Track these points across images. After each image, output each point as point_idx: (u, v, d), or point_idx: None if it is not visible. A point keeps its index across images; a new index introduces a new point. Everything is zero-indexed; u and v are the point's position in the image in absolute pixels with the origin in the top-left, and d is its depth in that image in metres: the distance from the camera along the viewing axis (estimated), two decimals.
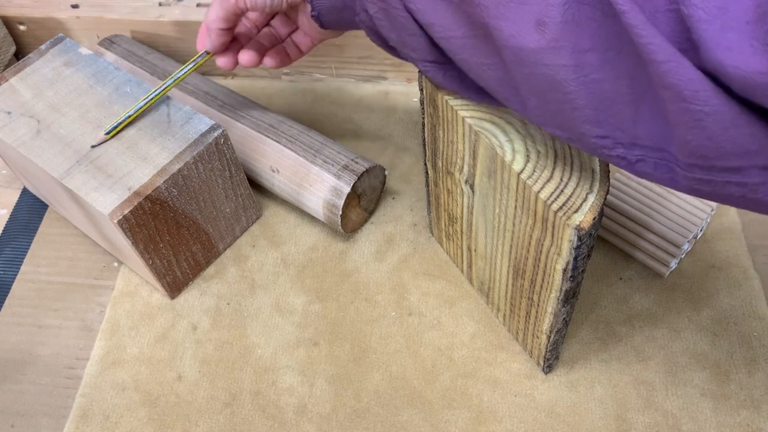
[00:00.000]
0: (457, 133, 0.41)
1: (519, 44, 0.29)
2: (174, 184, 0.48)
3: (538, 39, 0.28)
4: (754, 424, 0.46)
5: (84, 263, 0.57)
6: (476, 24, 0.31)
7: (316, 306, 0.53)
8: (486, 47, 0.32)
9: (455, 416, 0.47)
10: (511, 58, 0.30)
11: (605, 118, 0.29)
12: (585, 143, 0.30)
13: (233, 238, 0.57)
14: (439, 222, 0.53)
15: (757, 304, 0.51)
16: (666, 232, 0.52)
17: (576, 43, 0.28)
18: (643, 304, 0.51)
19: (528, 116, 0.33)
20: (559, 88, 0.29)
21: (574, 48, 0.28)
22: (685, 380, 0.48)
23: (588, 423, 0.46)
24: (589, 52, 0.28)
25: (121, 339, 0.52)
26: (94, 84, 0.52)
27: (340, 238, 0.57)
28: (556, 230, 0.35)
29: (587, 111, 0.29)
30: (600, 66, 0.28)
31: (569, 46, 0.28)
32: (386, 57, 0.66)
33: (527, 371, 0.49)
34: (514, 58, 0.30)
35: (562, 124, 0.31)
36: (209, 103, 0.58)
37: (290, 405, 0.48)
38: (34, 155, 0.48)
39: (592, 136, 0.30)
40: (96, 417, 0.49)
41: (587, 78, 0.28)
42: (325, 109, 0.67)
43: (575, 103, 0.29)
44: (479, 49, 0.32)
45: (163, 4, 0.67)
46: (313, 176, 0.53)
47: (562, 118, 0.30)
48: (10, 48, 0.69)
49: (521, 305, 0.45)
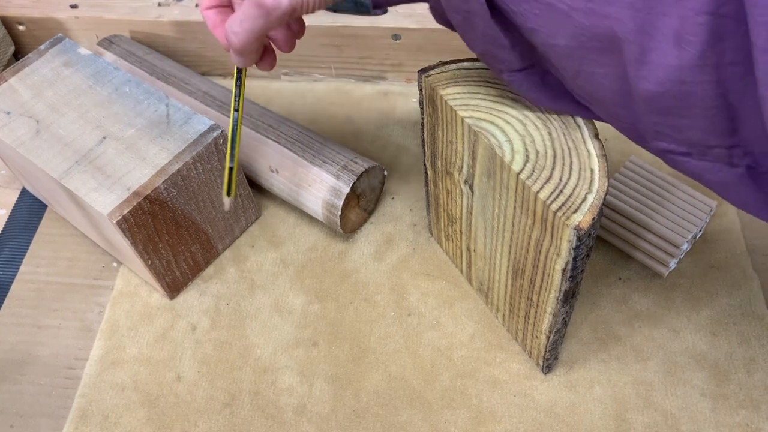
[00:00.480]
0: (456, 134, 0.41)
1: (657, 60, 0.27)
2: (173, 184, 0.47)
3: (678, 55, 0.27)
4: (754, 423, 0.46)
5: (83, 263, 0.57)
6: (599, 36, 0.29)
7: (315, 306, 0.53)
8: (604, 58, 0.30)
9: (454, 416, 0.47)
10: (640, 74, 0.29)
11: (742, 127, 0.28)
12: (710, 155, 0.30)
13: (232, 239, 0.57)
14: (439, 222, 0.53)
15: (756, 304, 0.51)
16: (665, 232, 0.52)
17: (719, 59, 0.26)
18: (643, 304, 0.51)
19: (636, 129, 0.31)
20: (699, 104, 0.28)
21: (717, 63, 0.26)
22: (685, 380, 0.48)
23: (587, 423, 0.46)
24: (731, 65, 0.26)
25: (120, 339, 0.52)
26: (94, 84, 0.52)
27: (340, 238, 0.57)
28: (555, 230, 0.35)
29: (724, 123, 0.28)
30: (742, 78, 0.27)
31: (713, 63, 0.26)
32: (386, 57, 0.66)
33: (526, 371, 0.49)
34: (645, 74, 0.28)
35: (687, 138, 0.30)
36: (208, 103, 0.58)
37: (289, 405, 0.48)
38: (33, 155, 0.48)
39: (724, 146, 0.29)
40: (95, 417, 0.49)
41: (728, 90, 0.27)
42: (325, 109, 0.67)
43: (714, 117, 0.28)
44: (593, 60, 0.30)
45: (162, 5, 0.67)
46: (313, 176, 0.53)
47: (690, 132, 0.29)
48: (9, 48, 0.69)
49: (520, 305, 0.45)
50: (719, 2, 0.25)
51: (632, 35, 0.28)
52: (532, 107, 0.39)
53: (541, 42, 0.32)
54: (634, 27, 0.28)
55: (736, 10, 0.25)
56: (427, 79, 0.41)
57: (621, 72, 0.30)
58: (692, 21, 0.26)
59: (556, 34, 0.31)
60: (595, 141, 0.37)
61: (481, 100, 0.40)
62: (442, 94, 0.40)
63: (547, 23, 0.31)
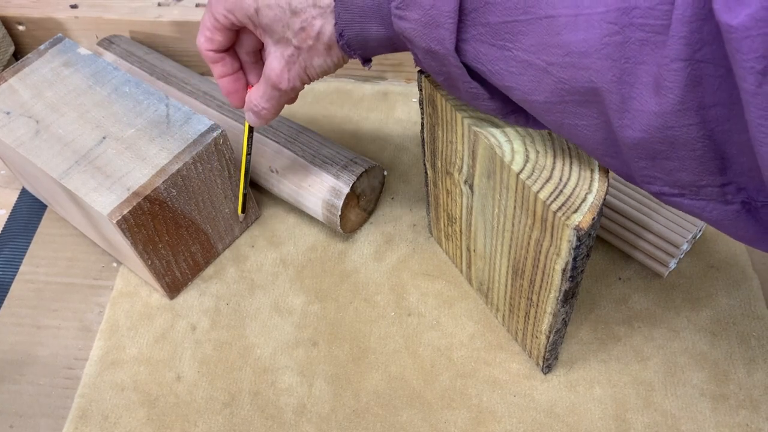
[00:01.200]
0: (456, 134, 0.41)
1: (638, 107, 0.28)
2: (173, 184, 0.47)
3: (658, 101, 0.27)
4: (753, 424, 0.46)
5: (83, 263, 0.57)
6: (578, 89, 0.29)
7: (315, 306, 0.53)
8: (585, 110, 0.30)
9: (454, 416, 0.47)
10: (623, 123, 0.29)
11: (732, 165, 0.28)
12: (702, 194, 0.30)
13: (232, 239, 0.57)
14: (439, 222, 0.53)
15: (755, 304, 0.51)
16: (665, 232, 0.52)
17: (700, 101, 0.27)
18: (642, 304, 0.51)
19: (630, 175, 0.32)
20: (684, 146, 0.28)
21: (699, 106, 0.27)
22: (684, 380, 0.48)
23: (587, 423, 0.46)
24: (713, 107, 0.27)
25: (120, 339, 0.52)
26: (93, 84, 0.52)
27: (340, 238, 0.57)
28: (555, 230, 0.35)
29: (713, 163, 0.28)
30: (727, 118, 0.27)
31: (694, 107, 0.27)
32: (385, 57, 0.66)
33: (526, 371, 0.49)
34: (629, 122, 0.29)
35: (677, 180, 0.30)
36: (208, 103, 0.58)
37: (289, 405, 0.48)
38: (33, 155, 0.48)
39: (716, 185, 0.29)
40: (95, 417, 0.49)
41: (714, 131, 0.27)
42: (325, 109, 0.67)
43: (701, 158, 0.28)
44: (575, 113, 0.31)
45: (162, 5, 0.67)
46: (312, 176, 0.53)
47: (680, 174, 0.29)
48: (9, 48, 0.69)
49: (520, 305, 0.45)
50: (694, 48, 0.26)
51: (612, 85, 0.28)
52: None
53: (520, 99, 0.32)
54: (612, 77, 0.28)
55: (713, 54, 0.25)
56: (427, 79, 0.41)
57: (604, 122, 0.30)
58: (668, 68, 0.26)
59: (534, 91, 0.31)
60: None
61: None
62: (442, 94, 0.40)
63: (524, 80, 0.31)
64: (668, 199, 0.31)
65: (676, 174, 0.30)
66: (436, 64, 0.34)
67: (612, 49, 0.28)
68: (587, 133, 0.31)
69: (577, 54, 0.28)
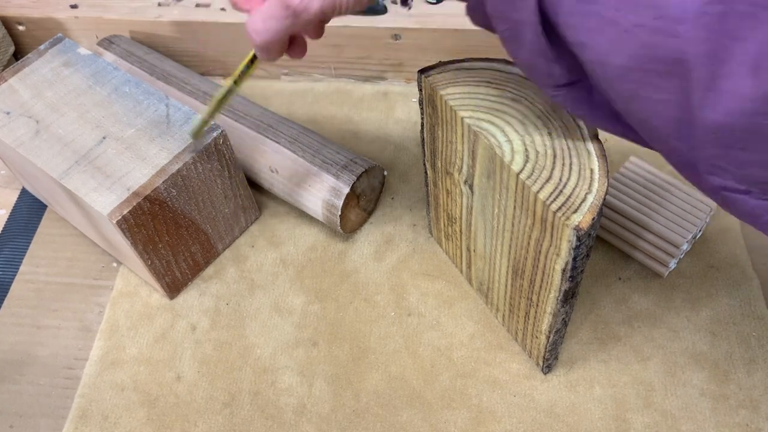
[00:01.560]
0: (455, 134, 0.41)
1: (728, 88, 0.25)
2: (173, 184, 0.47)
3: (754, 85, 0.24)
4: (753, 424, 0.46)
5: (83, 263, 0.57)
6: (663, 58, 0.26)
7: (315, 306, 0.53)
8: (665, 83, 0.27)
9: (454, 416, 0.47)
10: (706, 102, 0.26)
11: None
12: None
13: (232, 239, 0.57)
14: (438, 222, 0.53)
15: (755, 304, 0.51)
16: (665, 233, 0.52)
17: None
18: (642, 304, 0.51)
19: (693, 163, 0.29)
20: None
21: None
22: (684, 380, 0.48)
23: (587, 423, 0.46)
24: None
25: (120, 339, 0.52)
26: (93, 84, 0.52)
27: (340, 238, 0.57)
28: (555, 230, 0.35)
29: None
30: None
31: None
32: (385, 57, 0.66)
33: (526, 371, 0.49)
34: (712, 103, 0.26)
35: (748, 175, 0.27)
36: (208, 103, 0.58)
37: (289, 405, 0.48)
38: (33, 155, 0.48)
39: None
40: (95, 417, 0.49)
41: None
42: (324, 109, 0.67)
43: None
44: (652, 84, 0.27)
45: (162, 5, 0.67)
46: (312, 176, 0.53)
47: (754, 169, 0.27)
48: (9, 48, 0.69)
49: (520, 305, 0.45)
50: None
51: (703, 59, 0.25)
52: (532, 107, 0.39)
53: (592, 59, 0.29)
54: (705, 50, 0.25)
55: None
56: (427, 79, 0.41)
57: (682, 99, 0.27)
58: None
59: (612, 52, 0.28)
60: (595, 141, 0.37)
61: (480, 100, 0.40)
62: (442, 94, 0.40)
63: (603, 39, 0.28)
64: (730, 196, 0.29)
65: (750, 168, 0.27)
66: (507, 8, 0.30)
67: (710, 19, 0.25)
68: (660, 108, 0.28)
69: (671, 19, 0.25)
